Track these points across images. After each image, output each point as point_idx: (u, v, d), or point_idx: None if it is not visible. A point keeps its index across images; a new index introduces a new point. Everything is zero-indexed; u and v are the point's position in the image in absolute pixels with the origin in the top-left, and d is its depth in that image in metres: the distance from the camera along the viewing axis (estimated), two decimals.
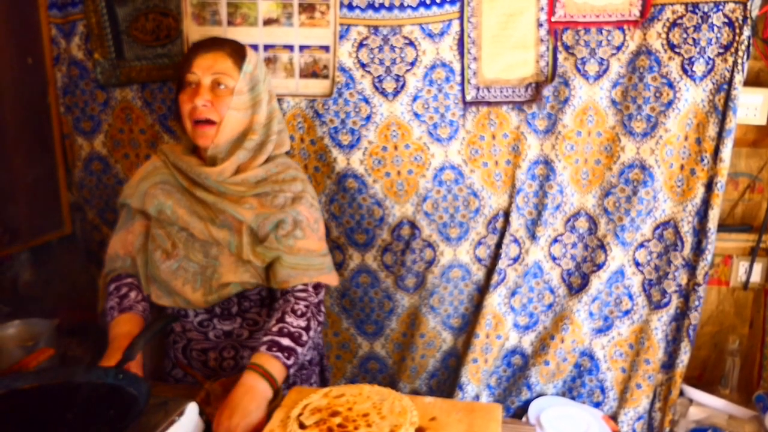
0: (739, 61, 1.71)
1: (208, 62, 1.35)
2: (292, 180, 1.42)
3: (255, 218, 1.34)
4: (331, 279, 1.41)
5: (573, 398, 2.03)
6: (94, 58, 1.92)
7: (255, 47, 1.78)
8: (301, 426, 1.04)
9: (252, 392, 1.16)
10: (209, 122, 1.34)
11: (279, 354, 1.22)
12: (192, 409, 1.07)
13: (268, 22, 1.79)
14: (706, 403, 1.92)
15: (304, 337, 1.28)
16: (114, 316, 1.34)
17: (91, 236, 2.07)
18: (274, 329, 1.27)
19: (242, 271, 1.35)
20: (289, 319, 1.28)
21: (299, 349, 1.26)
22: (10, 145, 1.86)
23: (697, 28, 1.72)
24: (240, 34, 1.77)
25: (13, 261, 2.03)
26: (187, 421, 1.05)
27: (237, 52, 1.39)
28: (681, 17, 1.73)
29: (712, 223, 1.80)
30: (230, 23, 1.79)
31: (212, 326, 1.42)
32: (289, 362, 1.24)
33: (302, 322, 1.29)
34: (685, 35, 1.73)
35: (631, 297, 1.94)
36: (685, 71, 1.75)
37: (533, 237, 1.94)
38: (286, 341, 1.24)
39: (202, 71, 1.34)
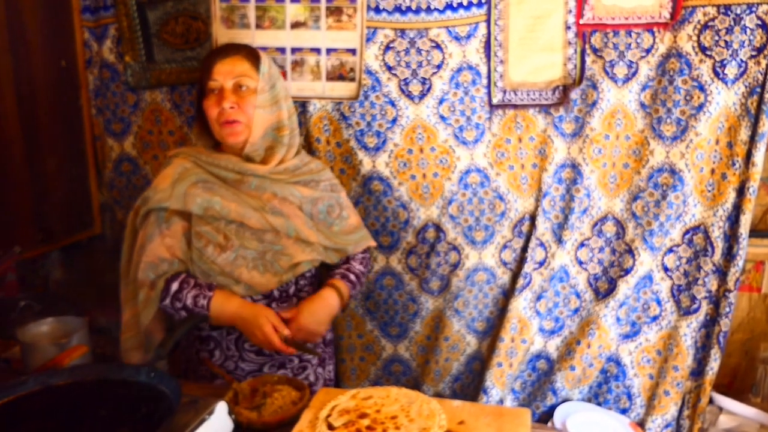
0: None
1: (228, 67, 1.44)
2: (323, 169, 1.62)
3: (307, 198, 1.52)
4: (372, 242, 1.67)
5: (599, 404, 2.00)
6: (125, 61, 1.95)
7: (282, 50, 1.81)
8: (330, 427, 1.05)
9: (331, 308, 1.46)
10: (237, 122, 1.43)
11: (348, 283, 1.52)
12: (222, 408, 1.07)
13: (295, 25, 1.80)
14: (737, 412, 1.89)
15: (362, 279, 1.59)
16: (209, 295, 1.37)
17: (120, 236, 2.08)
18: (345, 266, 1.56)
19: (309, 251, 1.49)
20: (354, 263, 1.58)
21: (358, 287, 1.57)
22: (44, 146, 1.90)
23: (729, 31, 1.69)
24: (268, 37, 1.79)
25: (45, 260, 2.08)
26: (216, 419, 1.06)
27: (252, 54, 1.48)
28: (713, 19, 1.70)
29: (744, 228, 1.77)
30: (258, 26, 1.81)
31: None
32: (352, 292, 1.54)
33: (362, 268, 1.60)
34: (716, 37, 1.71)
35: (659, 302, 1.91)
36: (716, 74, 1.73)
37: (559, 241, 1.92)
38: (352, 277, 1.55)
39: (223, 77, 1.43)
